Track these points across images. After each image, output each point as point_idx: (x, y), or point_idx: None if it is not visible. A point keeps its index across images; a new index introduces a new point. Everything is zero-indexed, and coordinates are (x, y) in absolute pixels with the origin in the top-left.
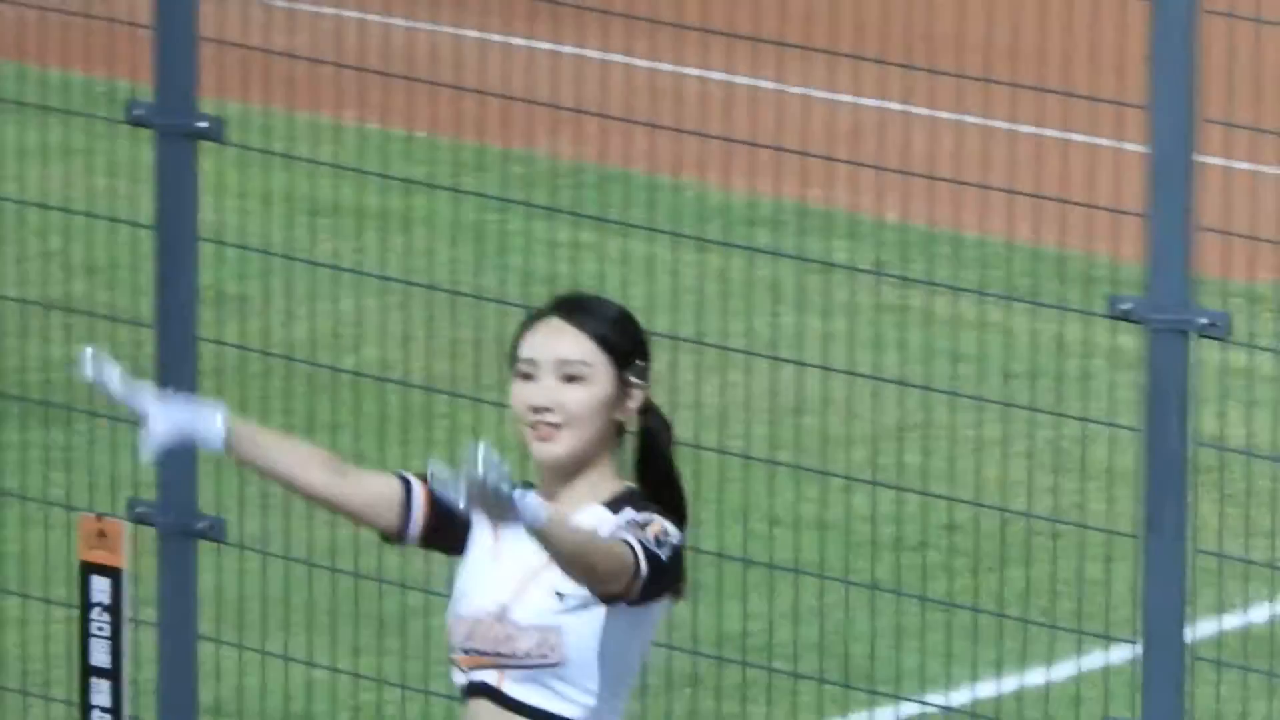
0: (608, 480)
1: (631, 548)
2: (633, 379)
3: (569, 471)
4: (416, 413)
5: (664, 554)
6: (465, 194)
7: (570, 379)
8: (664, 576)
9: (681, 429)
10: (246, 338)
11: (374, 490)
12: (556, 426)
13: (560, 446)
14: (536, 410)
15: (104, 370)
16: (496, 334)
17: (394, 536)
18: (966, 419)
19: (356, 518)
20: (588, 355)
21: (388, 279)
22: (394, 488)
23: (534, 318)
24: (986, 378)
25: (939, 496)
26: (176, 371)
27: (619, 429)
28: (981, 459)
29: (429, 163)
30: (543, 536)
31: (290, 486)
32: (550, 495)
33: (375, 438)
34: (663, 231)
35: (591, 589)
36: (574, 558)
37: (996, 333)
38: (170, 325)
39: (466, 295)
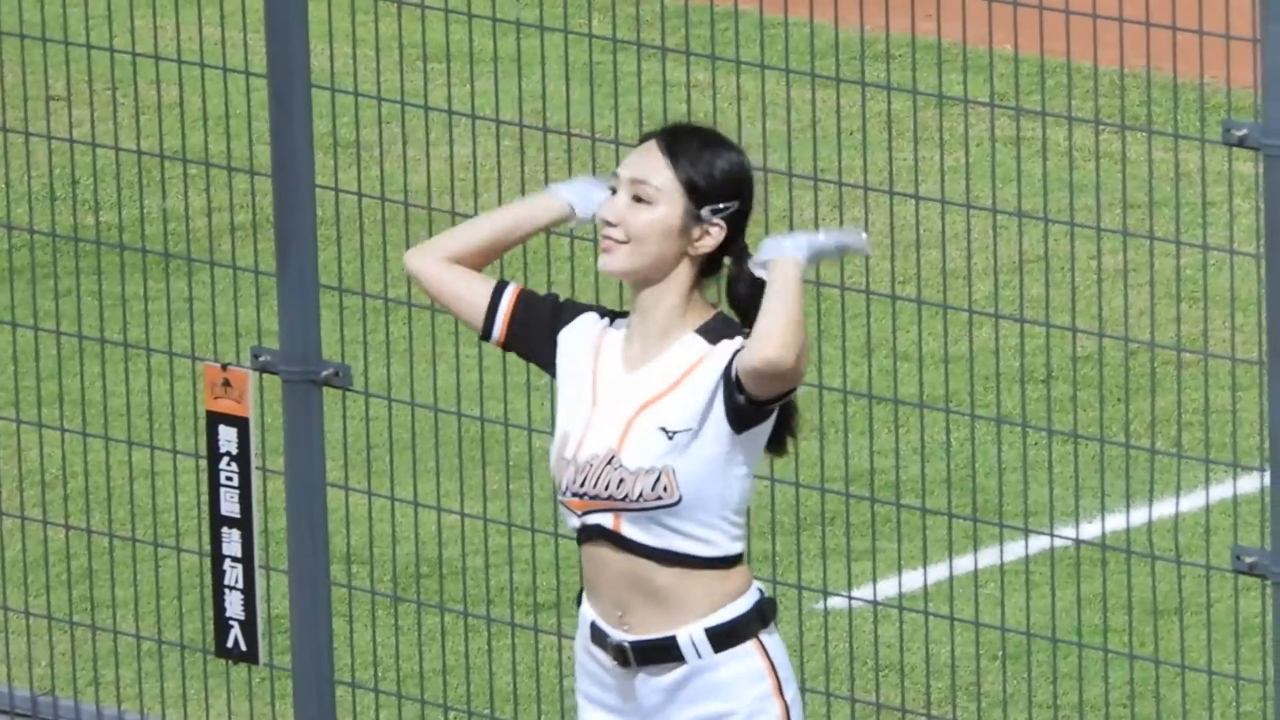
0: (697, 307)
1: None
2: (708, 218)
3: (639, 289)
4: (537, 255)
5: None
6: (577, 35)
7: (639, 200)
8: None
9: None
10: (365, 185)
11: (468, 285)
12: (617, 243)
13: (615, 262)
14: (605, 223)
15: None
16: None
17: (481, 335)
18: (1087, 250)
19: (448, 307)
20: (662, 183)
21: (503, 123)
22: (485, 290)
23: (645, 136)
24: (1105, 208)
25: (1063, 328)
26: (295, 219)
27: (707, 263)
28: (1104, 290)
29: (539, 4)
30: (798, 279)
31: (480, 245)
32: (638, 320)
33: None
34: (776, 69)
35: (779, 378)
36: (798, 321)
37: (1113, 162)
38: (287, 173)
39: (583, 137)
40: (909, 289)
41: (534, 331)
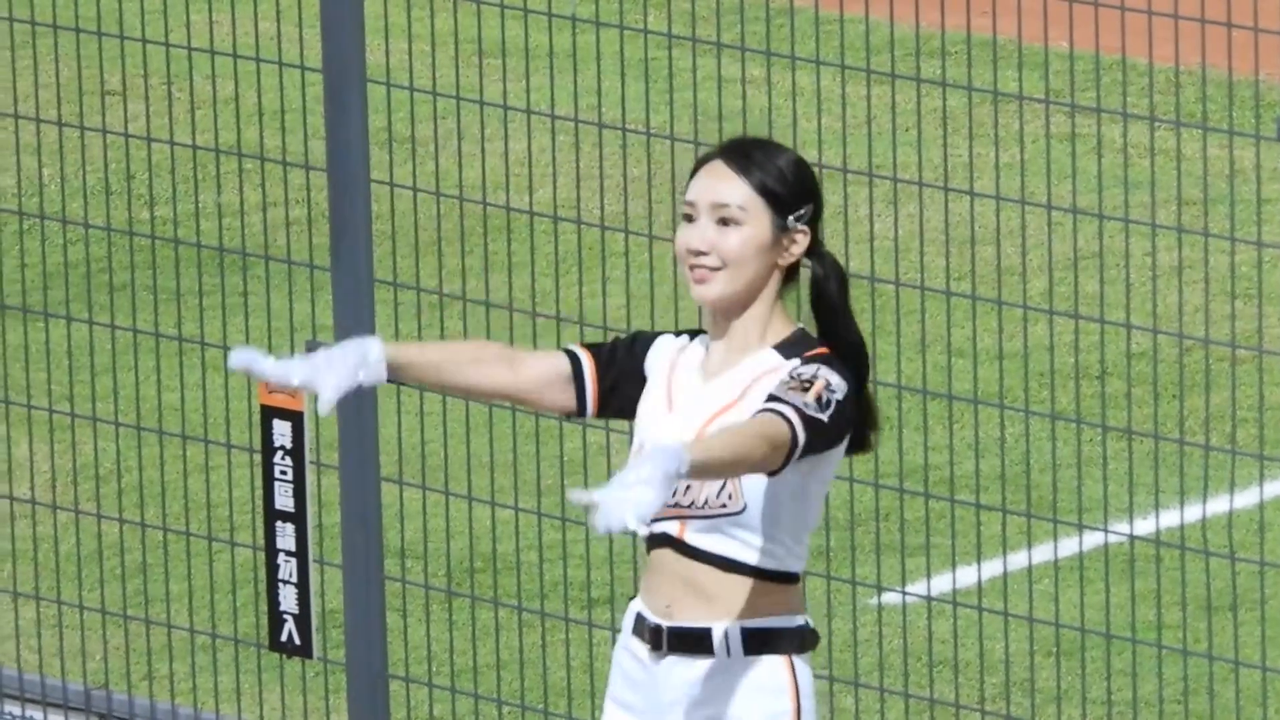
0: (779, 322)
1: (788, 420)
2: (793, 225)
3: (731, 312)
4: (593, 251)
5: (826, 415)
6: (633, 30)
7: (725, 223)
8: (824, 437)
9: (857, 262)
10: (420, 180)
11: (542, 373)
12: (712, 270)
13: (715, 289)
14: (694, 253)
15: (252, 363)
16: (669, 171)
17: (572, 413)
18: (1141, 246)
19: (532, 405)
20: (744, 201)
21: (559, 118)
22: (562, 365)
23: (702, 160)
24: (1160, 205)
25: (1118, 325)
26: (350, 214)
27: (788, 272)
28: (1158, 286)
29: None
30: (698, 472)
31: (460, 393)
32: (718, 334)
33: (551, 278)
34: (832, 65)
35: (754, 472)
36: (734, 464)
37: (1168, 159)
38: (342, 168)
39: (638, 133)
40: (964, 285)
41: (624, 383)
